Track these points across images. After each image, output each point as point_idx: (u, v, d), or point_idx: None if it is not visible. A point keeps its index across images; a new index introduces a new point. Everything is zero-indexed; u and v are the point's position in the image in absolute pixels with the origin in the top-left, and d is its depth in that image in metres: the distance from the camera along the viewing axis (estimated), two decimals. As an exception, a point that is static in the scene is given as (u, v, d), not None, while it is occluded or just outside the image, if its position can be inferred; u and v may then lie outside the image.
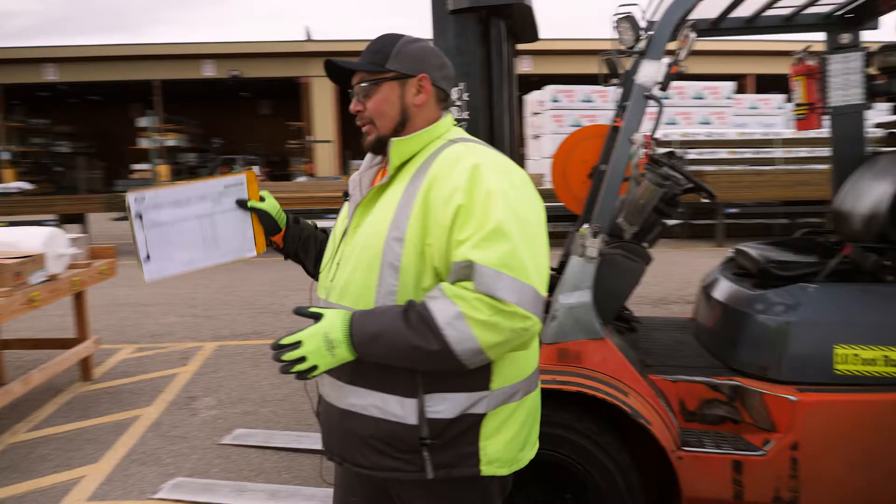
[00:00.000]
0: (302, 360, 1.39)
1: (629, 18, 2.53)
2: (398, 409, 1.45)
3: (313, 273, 1.81)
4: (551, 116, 14.44)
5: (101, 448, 3.74)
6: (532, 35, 3.09)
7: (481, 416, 1.46)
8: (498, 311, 1.32)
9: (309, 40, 27.05)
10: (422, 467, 1.44)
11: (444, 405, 1.44)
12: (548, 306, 2.60)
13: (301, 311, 1.46)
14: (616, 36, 2.59)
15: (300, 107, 28.05)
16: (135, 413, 4.26)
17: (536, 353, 1.62)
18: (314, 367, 1.40)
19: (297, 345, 1.40)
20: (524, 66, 25.84)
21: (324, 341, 1.39)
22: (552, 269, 3.17)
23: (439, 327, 1.33)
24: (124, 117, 35.84)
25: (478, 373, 1.43)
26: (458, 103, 2.64)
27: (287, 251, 1.85)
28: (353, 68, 1.57)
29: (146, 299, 7.93)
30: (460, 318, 1.33)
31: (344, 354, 1.41)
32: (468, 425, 1.46)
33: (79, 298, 4.88)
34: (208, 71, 29.09)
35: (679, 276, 8.13)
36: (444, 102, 1.63)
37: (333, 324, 1.41)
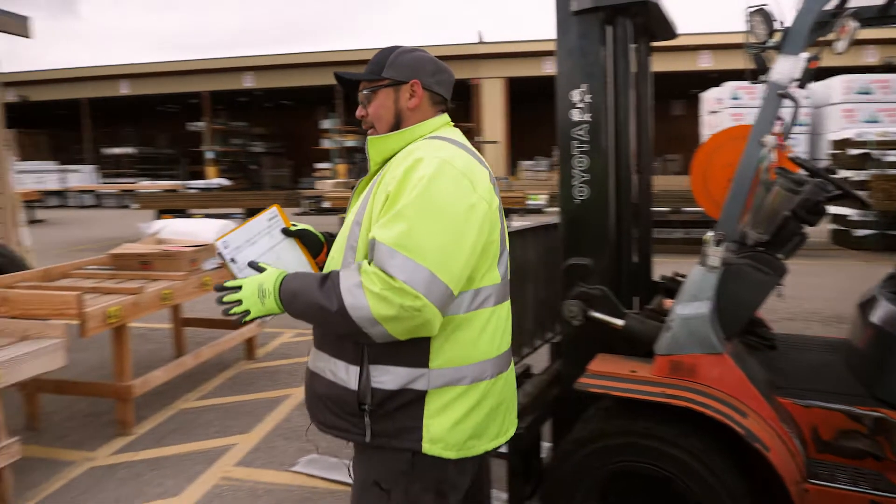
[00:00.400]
0: (238, 302, 1.59)
1: (762, 11, 2.35)
2: (344, 374, 1.61)
3: None
4: (730, 115, 13.57)
5: (254, 420, 4.12)
6: (667, 32, 2.97)
7: (423, 393, 1.56)
8: (389, 287, 1.44)
9: (481, 42, 27.55)
10: (363, 432, 1.59)
11: (387, 377, 1.57)
12: (660, 315, 2.51)
13: (252, 264, 1.67)
14: (748, 29, 2.41)
15: (470, 108, 28.67)
16: (287, 392, 4.64)
17: (490, 342, 1.65)
18: (247, 312, 1.60)
19: (237, 289, 1.60)
20: (703, 63, 24.48)
21: (258, 290, 1.59)
22: (680, 277, 3.05)
23: (341, 292, 1.49)
24: (310, 120, 38.75)
25: (417, 351, 1.55)
26: (580, 105, 2.60)
27: None
28: (354, 79, 1.75)
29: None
30: (359, 286, 1.47)
31: (272, 305, 1.59)
32: (409, 399, 1.56)
33: (247, 285, 5.38)
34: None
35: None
36: (439, 105, 1.77)
37: (269, 277, 1.61)
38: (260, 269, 1.64)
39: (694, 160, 3.24)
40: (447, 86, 1.78)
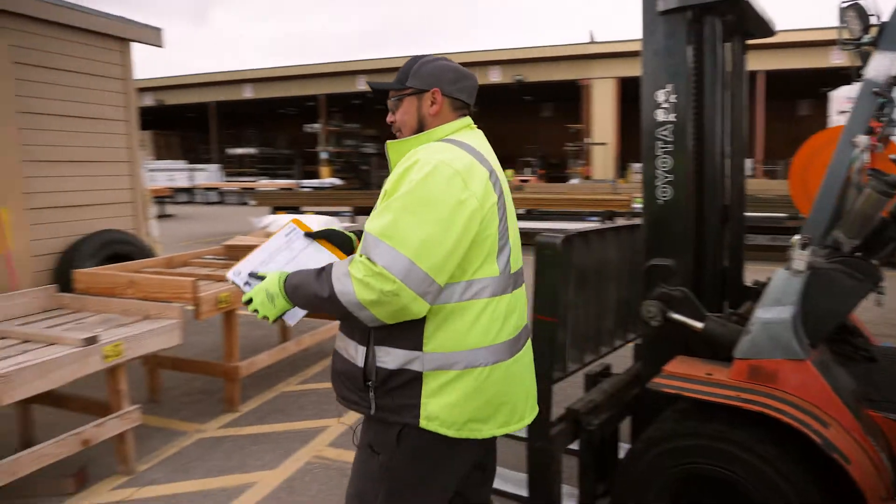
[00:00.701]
0: (256, 311, 1.78)
1: (856, 5, 2.25)
2: (354, 353, 1.78)
3: None
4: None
5: (347, 407, 4.34)
6: (764, 29, 2.89)
7: (419, 374, 1.70)
8: (371, 273, 1.60)
9: (592, 42, 27.12)
10: (369, 405, 1.75)
11: (388, 357, 1.72)
12: (746, 319, 2.46)
13: (252, 275, 1.85)
14: (842, 25, 2.32)
15: (580, 109, 28.29)
16: (379, 382, 4.84)
17: (485, 332, 1.73)
18: (266, 317, 1.79)
19: (249, 301, 1.79)
20: (835, 59, 22.92)
21: (265, 295, 1.78)
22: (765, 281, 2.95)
23: (332, 279, 1.66)
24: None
25: (413, 335, 1.69)
26: (665, 105, 2.60)
27: None
28: (382, 88, 1.92)
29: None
30: (346, 274, 1.64)
31: (283, 304, 1.78)
32: (408, 379, 1.70)
33: (347, 278, 5.65)
34: (494, 76, 30.67)
35: None
36: (462, 109, 1.90)
37: (272, 281, 1.78)
38: (261, 278, 1.82)
39: (793, 163, 3.14)
40: (469, 91, 1.90)
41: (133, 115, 6.27)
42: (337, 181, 29.64)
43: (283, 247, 1.93)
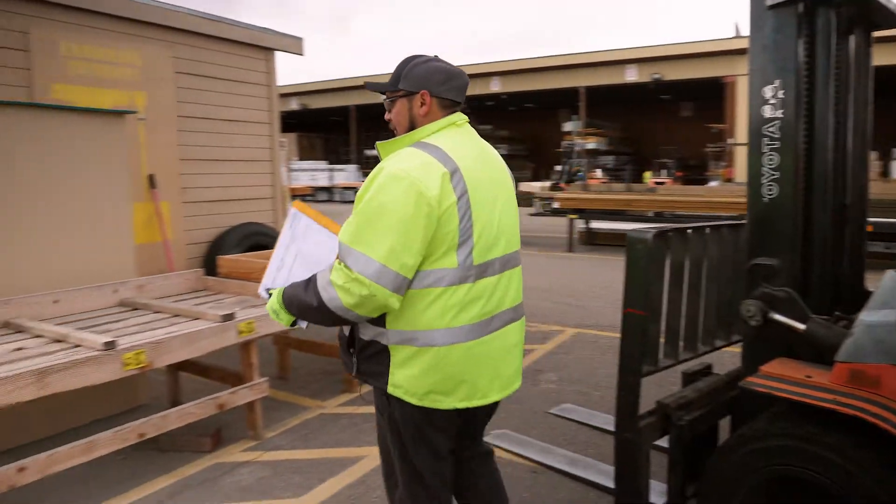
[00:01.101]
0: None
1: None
2: (345, 328, 2.07)
3: None
4: None
5: (457, 395, 4.53)
6: (890, 20, 2.73)
7: (386, 347, 1.94)
8: (349, 279, 1.81)
9: (737, 37, 25.73)
10: (353, 367, 2.04)
11: (365, 331, 1.98)
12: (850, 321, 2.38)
13: (267, 289, 2.11)
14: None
15: (723, 108, 26.93)
16: (490, 374, 4.99)
17: (440, 316, 1.89)
18: (288, 327, 2.07)
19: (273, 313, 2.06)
20: None
21: (272, 311, 2.05)
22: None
23: (318, 290, 1.88)
24: (552, 122, 39.21)
25: (379, 317, 1.93)
26: (773, 101, 2.55)
27: None
28: (376, 90, 2.07)
29: (533, 285, 8.89)
30: (330, 283, 1.85)
31: (286, 317, 2.02)
32: (379, 350, 1.96)
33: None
34: (631, 75, 29.89)
35: None
36: (450, 108, 2.04)
37: (274, 298, 2.04)
38: (269, 295, 2.09)
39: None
40: (458, 90, 2.05)
41: (275, 118, 6.84)
42: (468, 181, 30.08)
43: (289, 241, 2.14)
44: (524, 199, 13.92)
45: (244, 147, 6.48)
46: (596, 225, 13.35)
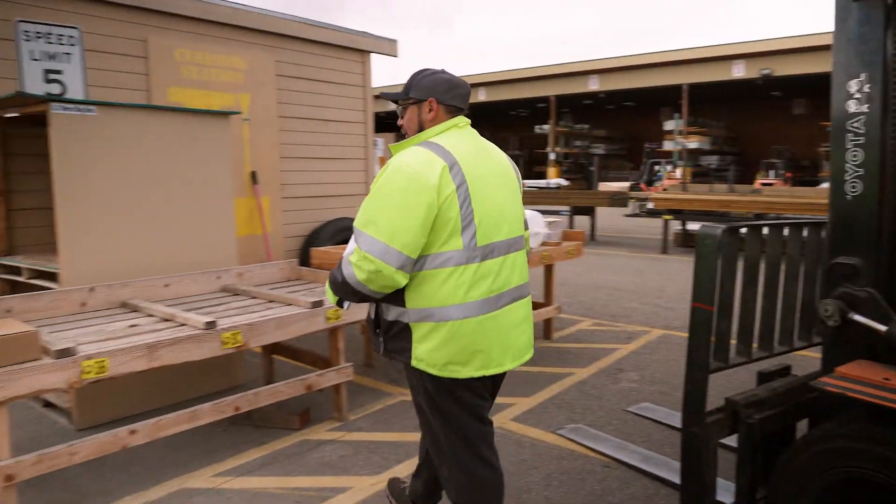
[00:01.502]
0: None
1: None
2: (371, 309, 2.35)
3: None
4: None
5: (535, 388, 4.60)
6: None
7: (407, 325, 2.22)
8: (360, 258, 2.11)
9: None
10: (380, 347, 2.32)
11: (388, 312, 2.26)
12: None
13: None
14: None
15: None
16: (570, 370, 5.03)
17: (453, 293, 2.15)
18: (335, 305, 2.39)
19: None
20: None
21: (327, 291, 2.36)
22: None
23: (342, 267, 2.21)
24: (652, 121, 38.15)
25: (399, 296, 2.20)
26: (858, 96, 2.48)
27: None
28: (389, 99, 2.41)
29: (622, 286, 8.80)
30: (348, 262, 2.16)
31: (332, 296, 2.34)
32: (401, 328, 2.23)
33: (548, 271, 5.89)
34: (738, 72, 28.69)
35: None
36: (454, 113, 2.35)
37: (327, 284, 2.35)
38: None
39: None
40: (461, 98, 2.37)
41: (369, 118, 7.12)
42: (563, 182, 29.83)
43: None
44: (618, 200, 13.68)
45: (339, 146, 6.80)
46: (693, 227, 12.95)
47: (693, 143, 32.96)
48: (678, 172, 31.13)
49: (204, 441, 3.74)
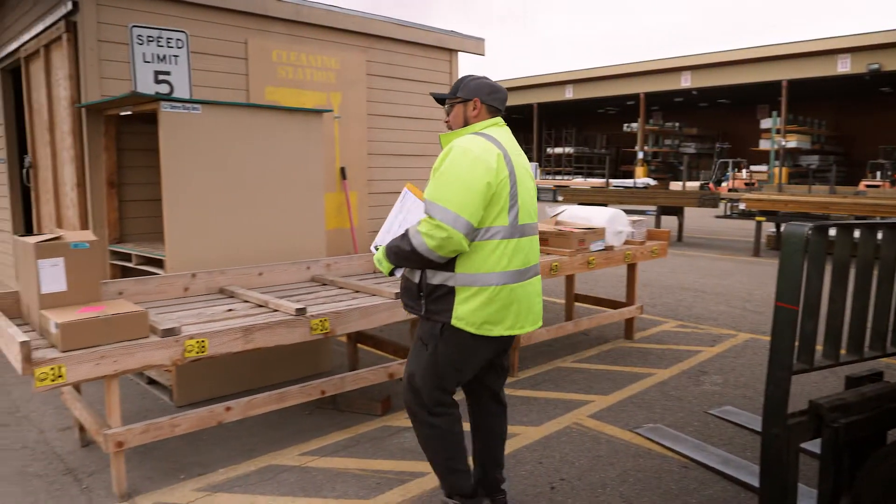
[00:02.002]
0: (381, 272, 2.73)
1: None
2: (416, 276, 2.65)
3: None
4: None
5: (615, 387, 4.59)
6: None
7: (452, 288, 2.56)
8: (433, 226, 2.45)
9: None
10: (421, 309, 2.64)
11: (434, 277, 2.59)
12: None
13: (376, 247, 2.79)
14: None
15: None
16: (651, 371, 4.97)
17: (497, 262, 2.54)
18: (388, 275, 2.72)
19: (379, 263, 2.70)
20: None
21: (378, 261, 2.72)
22: None
23: (410, 238, 2.52)
24: (748, 119, 36.64)
25: (449, 263, 2.55)
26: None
27: None
28: (441, 98, 2.79)
29: (709, 288, 8.56)
30: (417, 232, 2.49)
31: (387, 265, 2.68)
32: (445, 292, 2.57)
33: (631, 270, 5.82)
34: (843, 66, 27.19)
35: None
36: (494, 113, 2.72)
37: (380, 251, 2.70)
38: (377, 251, 2.74)
39: None
40: (500, 101, 2.73)
41: (455, 115, 7.23)
42: (651, 181, 29.15)
43: (398, 212, 2.81)
44: (708, 201, 13.28)
45: (425, 143, 6.94)
46: (788, 229, 12.38)
47: (792, 143, 31.49)
48: (743, 173, 29.83)
49: (291, 422, 3.95)
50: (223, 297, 4.02)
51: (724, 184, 29.79)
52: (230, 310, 3.67)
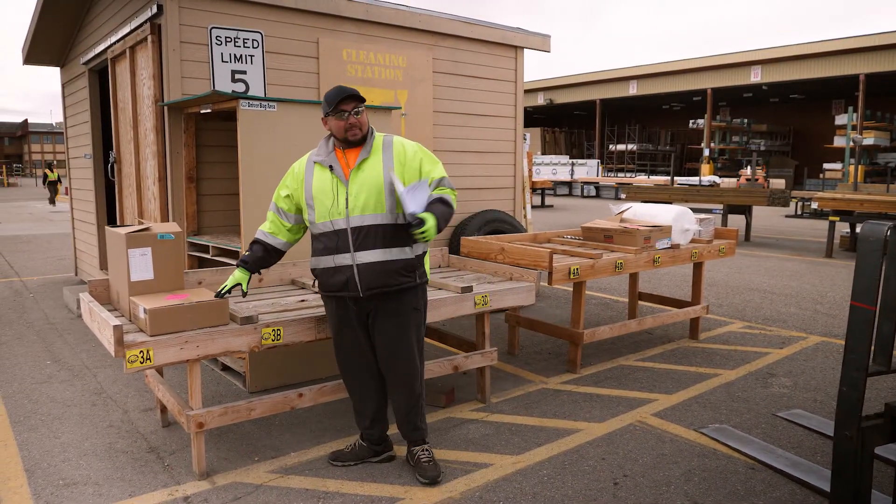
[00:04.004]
0: (425, 233, 2.89)
1: None
2: (409, 253, 3.11)
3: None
4: None
5: (679, 386, 4.54)
6: None
7: (424, 254, 3.20)
8: (453, 191, 3.17)
9: None
10: (416, 278, 3.15)
11: (419, 248, 3.15)
12: None
13: (412, 219, 2.87)
14: None
15: None
16: (717, 371, 4.90)
17: None
18: (427, 238, 2.93)
19: (423, 225, 2.88)
20: None
21: (430, 230, 2.90)
22: None
23: (451, 201, 3.09)
24: (822, 115, 35.22)
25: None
26: None
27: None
28: (359, 97, 3.06)
29: (778, 289, 8.33)
30: (451, 196, 3.12)
31: (434, 232, 2.92)
32: (421, 258, 3.18)
33: (697, 269, 5.74)
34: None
35: None
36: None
37: (431, 221, 2.90)
38: (422, 221, 2.88)
39: None
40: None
41: (519, 113, 7.26)
42: (716, 179, 28.39)
43: (405, 190, 2.98)
44: (778, 199, 12.87)
45: (490, 140, 6.99)
46: (864, 229, 11.89)
47: (869, 139, 30.16)
48: (758, 170, 28.66)
49: (358, 410, 4.07)
50: (295, 288, 4.18)
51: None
52: (302, 300, 3.81)
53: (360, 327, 3.22)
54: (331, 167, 3.08)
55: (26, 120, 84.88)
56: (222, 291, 3.19)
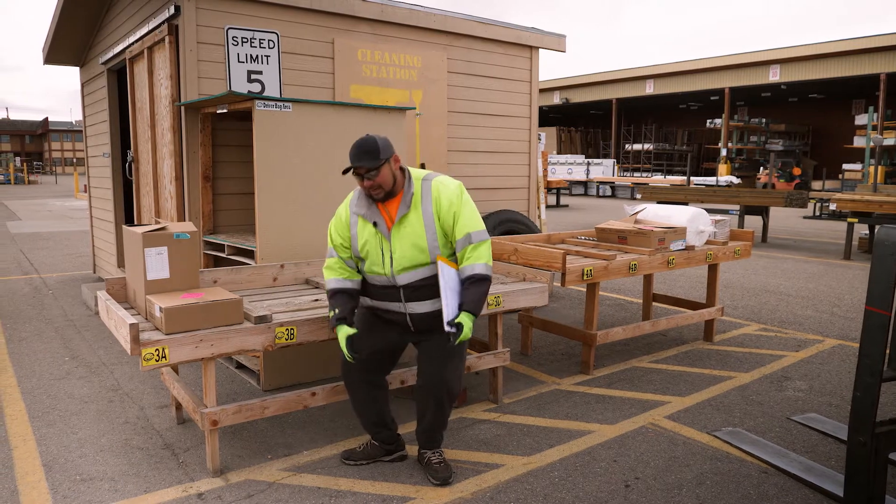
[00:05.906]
0: (461, 337, 2.98)
1: None
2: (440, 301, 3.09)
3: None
4: None
5: (692, 388, 4.52)
6: None
7: None
8: (489, 246, 3.11)
9: None
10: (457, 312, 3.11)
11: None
12: None
13: (452, 323, 2.96)
14: None
15: None
16: (731, 374, 4.87)
17: None
18: (465, 339, 3.04)
19: (461, 331, 2.97)
20: None
21: (467, 333, 2.99)
22: None
23: (484, 274, 3.05)
24: (841, 115, 34.82)
25: None
26: None
27: None
28: (369, 166, 2.99)
29: (794, 291, 8.26)
30: (486, 265, 3.07)
31: (471, 331, 3.00)
32: None
33: (712, 271, 5.70)
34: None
35: None
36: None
37: (468, 324, 2.99)
38: (461, 325, 2.97)
39: None
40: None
41: (534, 113, 7.25)
42: (734, 179, 28.15)
43: (444, 286, 2.99)
44: (796, 200, 12.76)
45: (504, 139, 6.99)
46: (883, 231, 11.74)
47: (889, 140, 29.77)
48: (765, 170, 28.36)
49: (371, 409, 4.09)
50: (309, 288, 4.21)
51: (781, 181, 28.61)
52: (316, 300, 3.84)
53: (400, 333, 3.30)
54: (374, 223, 3.10)
55: (46, 118, 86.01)
56: (346, 356, 3.14)
